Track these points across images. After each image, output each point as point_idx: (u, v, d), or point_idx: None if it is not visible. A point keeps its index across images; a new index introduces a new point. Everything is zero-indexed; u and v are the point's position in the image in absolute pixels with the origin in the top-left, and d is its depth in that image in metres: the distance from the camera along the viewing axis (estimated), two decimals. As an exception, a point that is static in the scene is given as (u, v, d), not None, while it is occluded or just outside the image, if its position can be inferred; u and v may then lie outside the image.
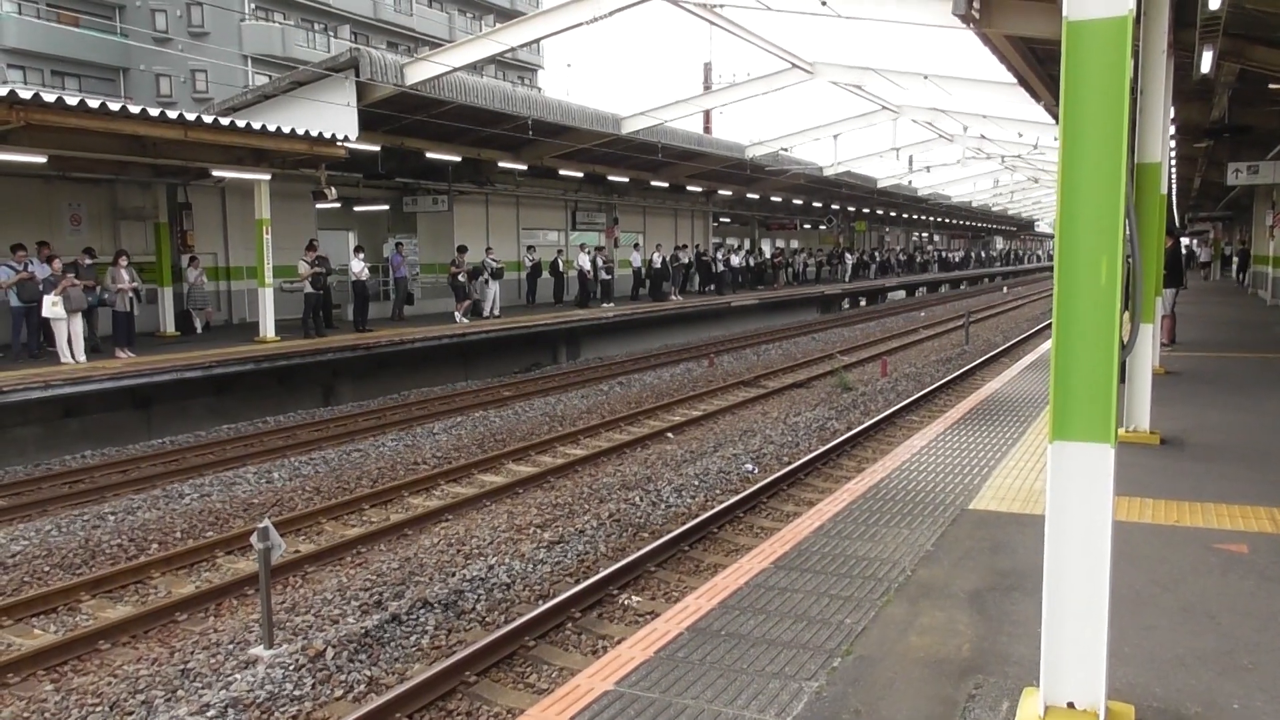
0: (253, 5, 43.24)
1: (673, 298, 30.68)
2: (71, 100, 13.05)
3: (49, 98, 12.75)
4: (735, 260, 36.43)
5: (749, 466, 11.96)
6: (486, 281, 23.72)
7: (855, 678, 4.21)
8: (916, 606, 5.01)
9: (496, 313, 23.96)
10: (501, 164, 25.01)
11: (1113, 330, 3.30)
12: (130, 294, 16.19)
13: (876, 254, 54.28)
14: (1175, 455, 8.26)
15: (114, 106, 13.45)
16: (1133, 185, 7.96)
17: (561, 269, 29.22)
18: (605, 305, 27.35)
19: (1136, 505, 6.65)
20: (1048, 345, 17.54)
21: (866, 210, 49.75)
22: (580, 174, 28.11)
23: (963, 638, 4.59)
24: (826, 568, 5.65)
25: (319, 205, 22.32)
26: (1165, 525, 6.25)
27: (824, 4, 13.95)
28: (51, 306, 14.54)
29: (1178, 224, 40.66)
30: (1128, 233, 3.63)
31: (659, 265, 31.06)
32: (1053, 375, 3.41)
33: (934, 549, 5.91)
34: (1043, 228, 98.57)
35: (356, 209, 26.21)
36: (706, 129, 39.94)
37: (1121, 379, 3.31)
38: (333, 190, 19.25)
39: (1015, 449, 8.80)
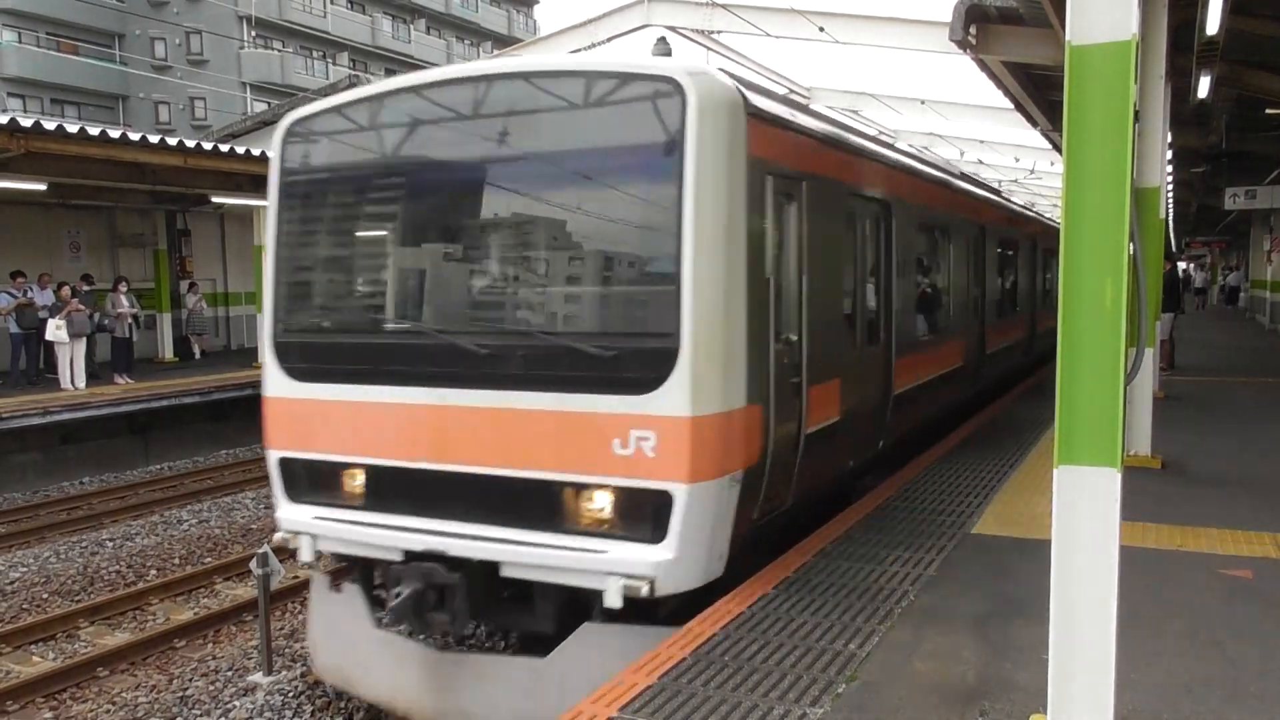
0: (252, 33, 43.49)
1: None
2: (72, 128, 13.10)
3: (49, 125, 12.79)
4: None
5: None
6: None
7: (860, 704, 4.17)
8: (920, 632, 4.97)
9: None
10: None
11: (1118, 354, 3.28)
12: (129, 320, 16.20)
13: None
14: (1177, 480, 8.24)
15: (114, 134, 13.50)
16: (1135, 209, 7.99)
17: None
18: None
19: (1139, 530, 6.62)
20: (1046, 369, 17.55)
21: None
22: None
23: (967, 664, 4.56)
24: (829, 592, 5.62)
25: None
26: (1169, 550, 6.22)
27: (821, 30, 14.05)
28: (55, 330, 14.55)
29: (1174, 248, 40.79)
30: (1132, 256, 3.63)
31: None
32: (1058, 400, 3.39)
33: (937, 573, 5.88)
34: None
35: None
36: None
37: (1122, 403, 3.30)
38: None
39: (1015, 473, 8.77)
